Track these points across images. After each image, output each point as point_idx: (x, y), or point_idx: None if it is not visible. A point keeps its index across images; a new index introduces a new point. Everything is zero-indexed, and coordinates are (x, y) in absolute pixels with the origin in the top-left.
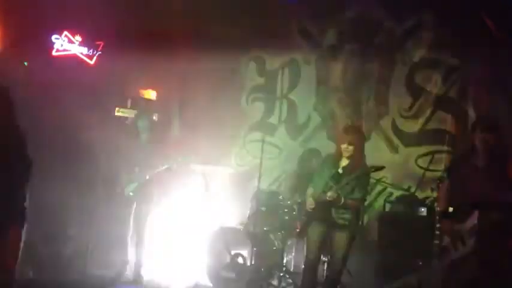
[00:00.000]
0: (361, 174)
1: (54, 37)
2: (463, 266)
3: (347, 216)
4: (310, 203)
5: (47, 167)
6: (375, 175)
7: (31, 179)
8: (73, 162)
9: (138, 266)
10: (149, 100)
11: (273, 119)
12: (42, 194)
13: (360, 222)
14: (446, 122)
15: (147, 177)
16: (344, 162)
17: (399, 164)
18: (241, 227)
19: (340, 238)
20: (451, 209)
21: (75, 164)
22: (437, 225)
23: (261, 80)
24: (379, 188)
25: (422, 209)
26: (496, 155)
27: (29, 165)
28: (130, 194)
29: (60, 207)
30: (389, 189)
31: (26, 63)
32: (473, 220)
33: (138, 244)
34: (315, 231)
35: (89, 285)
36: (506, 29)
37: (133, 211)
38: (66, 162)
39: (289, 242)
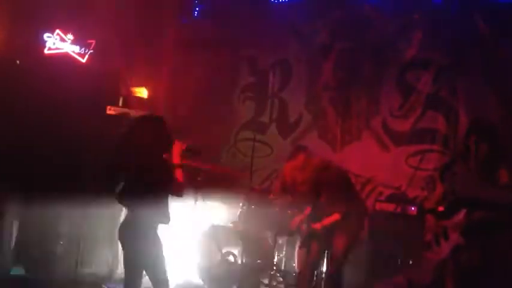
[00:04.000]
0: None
1: (46, 35)
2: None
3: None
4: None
5: (39, 166)
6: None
7: None
8: (64, 161)
9: None
10: (141, 98)
11: (264, 118)
12: (33, 192)
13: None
14: (437, 121)
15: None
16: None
17: (390, 163)
18: (232, 226)
19: (338, 240)
20: (441, 208)
21: (66, 163)
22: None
23: (252, 79)
24: (369, 187)
25: (413, 208)
26: (487, 158)
27: None
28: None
29: (52, 206)
30: (379, 188)
31: (18, 62)
32: (459, 216)
33: None
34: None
35: (80, 284)
36: (496, 28)
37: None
38: (57, 161)
39: (280, 241)
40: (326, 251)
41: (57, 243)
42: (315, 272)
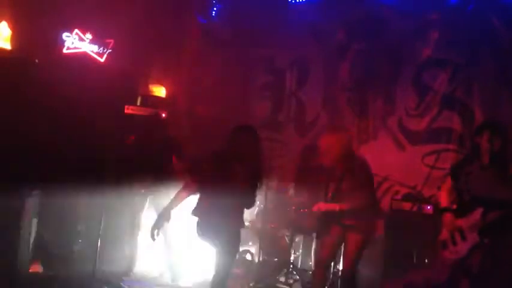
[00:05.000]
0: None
1: (64, 35)
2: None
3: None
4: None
5: (57, 164)
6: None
7: None
8: (83, 160)
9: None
10: (159, 98)
11: (281, 117)
12: (51, 190)
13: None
14: (453, 120)
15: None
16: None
17: (406, 162)
18: (249, 224)
19: (352, 239)
20: (454, 206)
21: (84, 162)
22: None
23: (269, 78)
24: (385, 185)
25: (429, 207)
26: (500, 155)
27: None
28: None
29: (70, 203)
30: (395, 187)
31: (36, 61)
32: (476, 216)
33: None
34: (329, 232)
35: (98, 281)
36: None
37: (144, 208)
38: (75, 160)
39: (296, 239)
40: (340, 248)
41: (76, 241)
42: (330, 269)
